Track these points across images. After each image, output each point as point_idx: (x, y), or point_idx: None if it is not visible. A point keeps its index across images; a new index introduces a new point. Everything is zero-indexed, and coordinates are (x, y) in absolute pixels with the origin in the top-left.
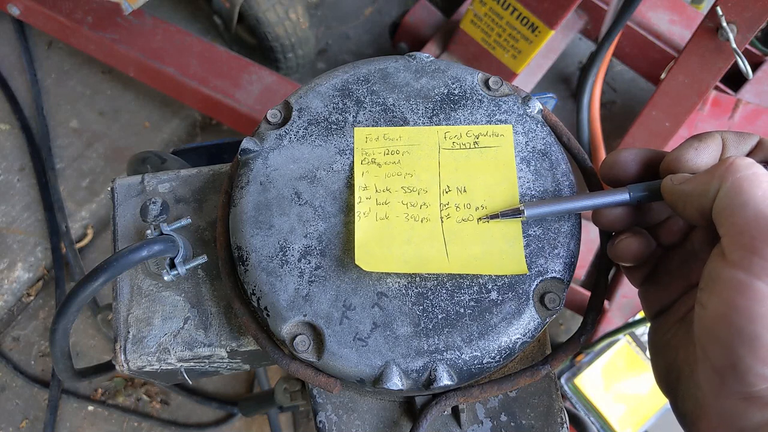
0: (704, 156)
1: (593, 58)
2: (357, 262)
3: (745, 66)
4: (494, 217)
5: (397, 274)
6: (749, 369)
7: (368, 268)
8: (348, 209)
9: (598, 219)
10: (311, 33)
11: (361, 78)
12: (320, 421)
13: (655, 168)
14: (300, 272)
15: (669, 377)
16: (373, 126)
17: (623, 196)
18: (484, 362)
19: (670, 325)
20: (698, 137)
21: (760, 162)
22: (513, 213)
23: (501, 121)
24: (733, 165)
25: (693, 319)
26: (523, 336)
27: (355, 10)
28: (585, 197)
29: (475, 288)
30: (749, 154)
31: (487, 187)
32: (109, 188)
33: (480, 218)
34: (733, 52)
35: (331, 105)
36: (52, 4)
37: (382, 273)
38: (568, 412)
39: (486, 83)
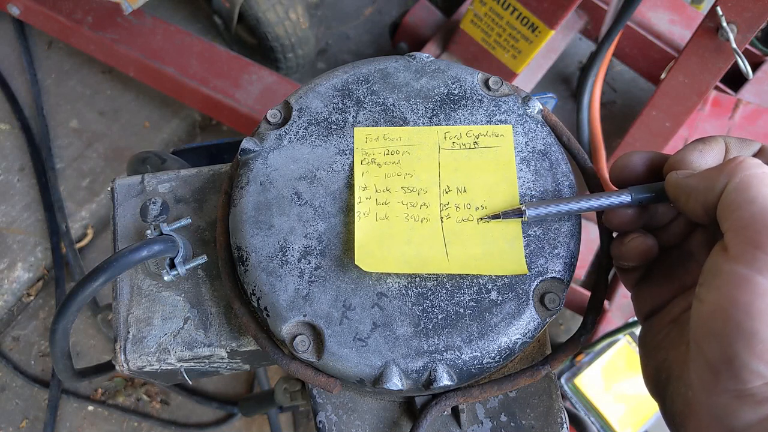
0: (708, 158)
1: (593, 58)
2: (357, 263)
3: (745, 66)
4: (495, 217)
5: (397, 275)
6: (744, 365)
7: (368, 269)
8: (348, 209)
9: (610, 220)
10: (311, 33)
11: (361, 78)
12: (320, 421)
13: (660, 170)
14: (300, 272)
15: (658, 378)
16: (373, 126)
17: (625, 197)
18: (484, 362)
19: (662, 327)
20: (702, 140)
21: None
22: (514, 213)
23: (501, 121)
24: (744, 163)
25: (685, 321)
26: (523, 336)
27: (355, 10)
28: (587, 198)
29: (475, 288)
30: None
31: (487, 187)
32: (109, 188)
33: (480, 218)
34: (733, 52)
35: (331, 105)
36: (52, 4)
37: (382, 273)
38: (568, 412)
39: (486, 83)
